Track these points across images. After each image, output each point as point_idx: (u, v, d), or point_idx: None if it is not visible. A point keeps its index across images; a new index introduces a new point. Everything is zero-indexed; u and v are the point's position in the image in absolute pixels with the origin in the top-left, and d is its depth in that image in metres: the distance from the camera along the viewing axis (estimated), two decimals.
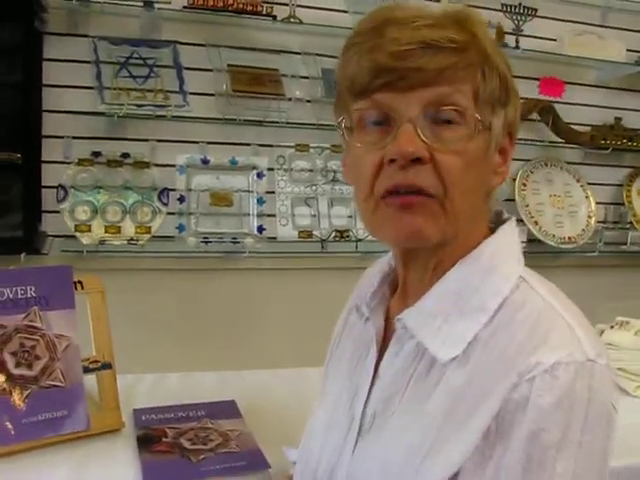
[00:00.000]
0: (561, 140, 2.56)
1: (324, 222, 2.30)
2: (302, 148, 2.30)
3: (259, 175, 2.24)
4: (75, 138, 2.08)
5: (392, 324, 0.83)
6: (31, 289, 1.25)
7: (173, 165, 2.16)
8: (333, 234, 2.28)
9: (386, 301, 0.89)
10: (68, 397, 1.24)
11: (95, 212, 2.08)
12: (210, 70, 2.15)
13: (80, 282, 1.32)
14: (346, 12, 2.20)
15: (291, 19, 2.18)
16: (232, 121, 2.15)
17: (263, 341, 2.18)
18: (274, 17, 2.16)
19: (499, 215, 0.85)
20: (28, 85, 2.00)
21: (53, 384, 1.23)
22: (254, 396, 1.48)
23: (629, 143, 2.60)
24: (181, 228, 2.15)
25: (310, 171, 2.31)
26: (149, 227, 2.11)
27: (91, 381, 1.31)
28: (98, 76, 2.04)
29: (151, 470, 1.16)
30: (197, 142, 2.20)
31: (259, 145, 2.26)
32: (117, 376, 1.34)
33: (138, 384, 1.55)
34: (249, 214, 2.23)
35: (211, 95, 2.16)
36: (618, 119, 2.62)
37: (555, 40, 2.48)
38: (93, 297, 1.34)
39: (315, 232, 2.27)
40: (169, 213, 2.15)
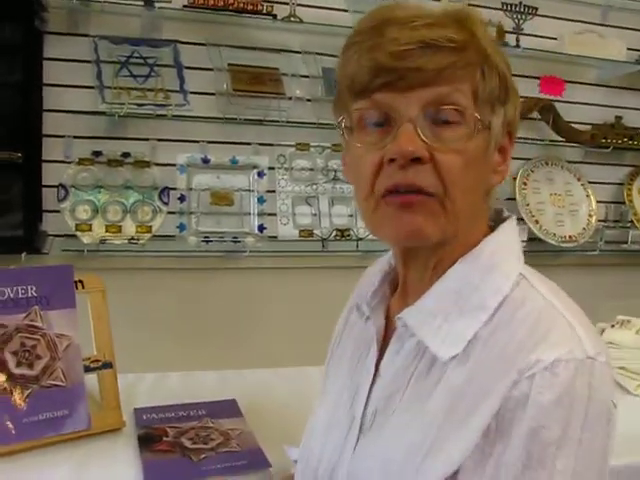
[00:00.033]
0: (562, 139, 2.56)
1: (325, 221, 2.30)
2: (303, 147, 2.30)
3: (260, 174, 2.24)
4: (76, 137, 2.08)
5: (392, 323, 0.83)
6: (32, 288, 1.25)
7: (174, 164, 2.16)
8: (334, 233, 2.28)
9: (386, 300, 0.90)
10: (69, 396, 1.24)
11: (96, 211, 2.08)
12: (210, 69, 2.15)
13: (81, 281, 1.32)
14: (346, 11, 2.20)
15: (291, 18, 2.18)
16: (233, 120, 2.15)
17: (264, 340, 2.18)
18: (274, 16, 2.16)
19: (499, 213, 0.85)
20: (28, 84, 2.00)
21: (54, 383, 1.23)
22: (255, 395, 1.48)
23: (630, 142, 2.60)
24: (182, 227, 2.16)
25: (311, 170, 2.32)
26: (150, 226, 2.11)
27: (92, 380, 1.31)
28: (99, 75, 2.05)
29: (152, 469, 1.16)
30: (198, 141, 2.20)
31: (260, 144, 2.26)
32: (118, 375, 1.34)
33: (139, 383, 1.55)
34: (250, 213, 2.23)
35: (211, 94, 2.16)
36: (619, 118, 2.63)
37: (555, 39, 2.48)
38: (94, 296, 1.34)
39: (316, 231, 2.27)
40: (170, 212, 2.15)
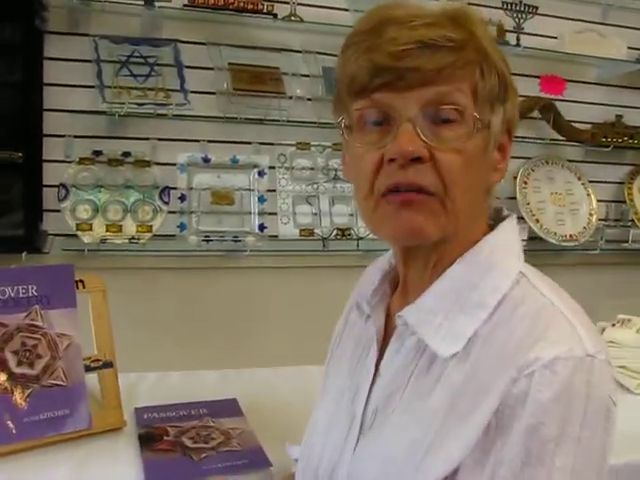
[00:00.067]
0: (562, 138, 2.56)
1: (325, 220, 2.30)
2: (303, 146, 2.30)
3: (260, 173, 2.24)
4: (76, 137, 2.08)
5: (393, 322, 0.83)
6: (32, 288, 1.25)
7: (174, 164, 2.17)
8: (334, 232, 2.28)
9: (387, 299, 0.90)
10: (70, 396, 1.24)
11: (96, 211, 2.08)
12: (211, 68, 2.15)
13: (81, 281, 1.32)
14: (347, 10, 2.20)
15: (292, 17, 2.19)
16: (233, 119, 2.15)
17: (264, 339, 2.18)
18: (275, 15, 2.16)
19: (499, 212, 0.85)
20: (29, 84, 2.00)
21: (55, 383, 1.23)
22: (255, 394, 1.48)
23: (630, 141, 2.60)
24: (182, 227, 2.16)
25: (311, 169, 2.32)
26: (150, 226, 2.11)
27: (93, 380, 1.31)
28: (99, 75, 2.05)
29: (153, 469, 1.16)
30: (198, 141, 2.20)
31: (260, 143, 2.26)
32: (119, 375, 1.34)
33: (140, 383, 1.55)
34: (250, 212, 2.23)
35: (212, 93, 2.16)
36: (619, 117, 2.63)
37: (556, 38, 2.48)
38: (94, 296, 1.34)
39: (316, 230, 2.27)
40: (170, 212, 2.15)
